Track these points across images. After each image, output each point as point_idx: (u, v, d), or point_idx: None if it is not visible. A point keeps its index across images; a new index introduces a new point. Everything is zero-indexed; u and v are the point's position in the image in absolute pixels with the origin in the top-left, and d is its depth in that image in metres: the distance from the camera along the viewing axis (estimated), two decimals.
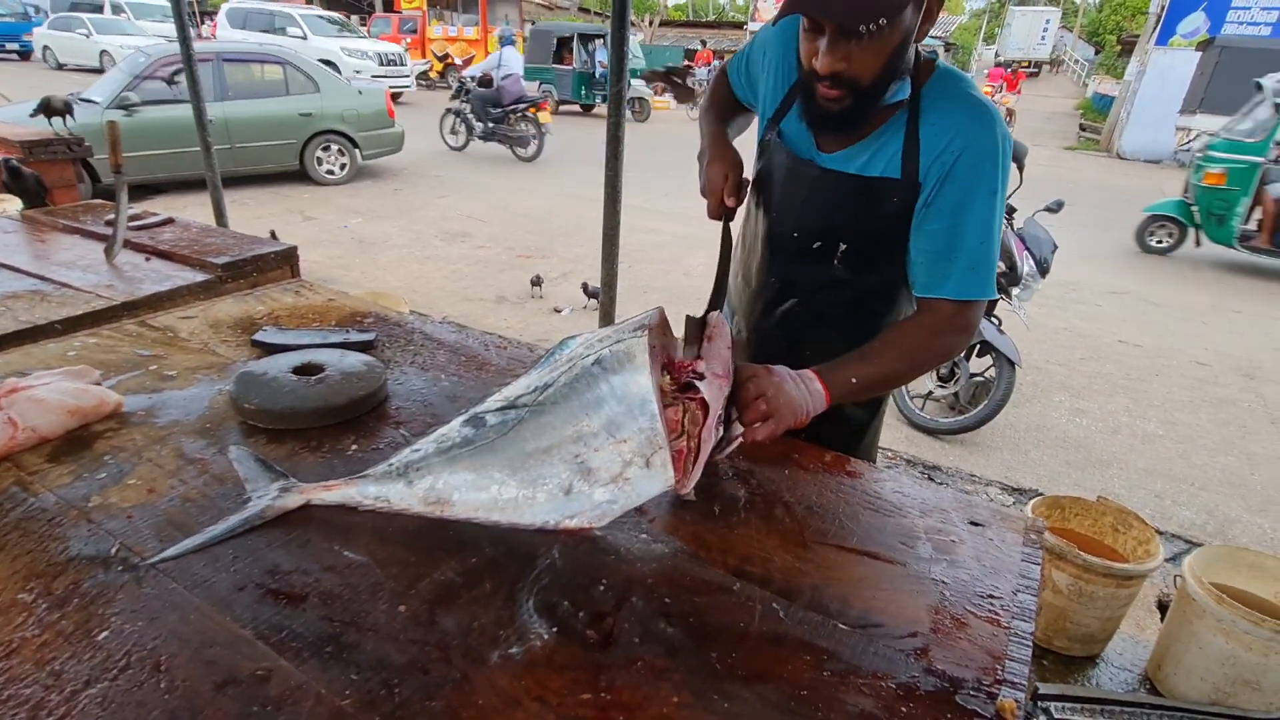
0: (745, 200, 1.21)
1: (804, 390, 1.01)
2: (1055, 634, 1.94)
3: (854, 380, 1.06)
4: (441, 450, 0.89)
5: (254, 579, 0.76)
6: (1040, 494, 3.13)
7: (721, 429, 0.90)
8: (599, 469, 0.83)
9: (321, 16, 17.65)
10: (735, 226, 1.31)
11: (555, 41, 15.97)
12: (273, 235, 5.49)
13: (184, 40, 3.34)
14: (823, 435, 1.15)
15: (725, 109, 1.41)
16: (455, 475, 0.87)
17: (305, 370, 1.14)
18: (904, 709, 0.65)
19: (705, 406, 0.89)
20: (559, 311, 4.91)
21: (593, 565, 0.81)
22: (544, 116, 10.09)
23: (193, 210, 6.12)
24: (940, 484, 1.57)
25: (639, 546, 0.85)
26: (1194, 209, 7.07)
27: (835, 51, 0.98)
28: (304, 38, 15.70)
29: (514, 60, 10.73)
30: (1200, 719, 1.66)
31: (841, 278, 1.23)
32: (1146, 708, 1.73)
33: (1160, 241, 7.48)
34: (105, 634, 0.67)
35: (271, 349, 1.29)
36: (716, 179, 1.17)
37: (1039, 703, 1.73)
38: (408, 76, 16.89)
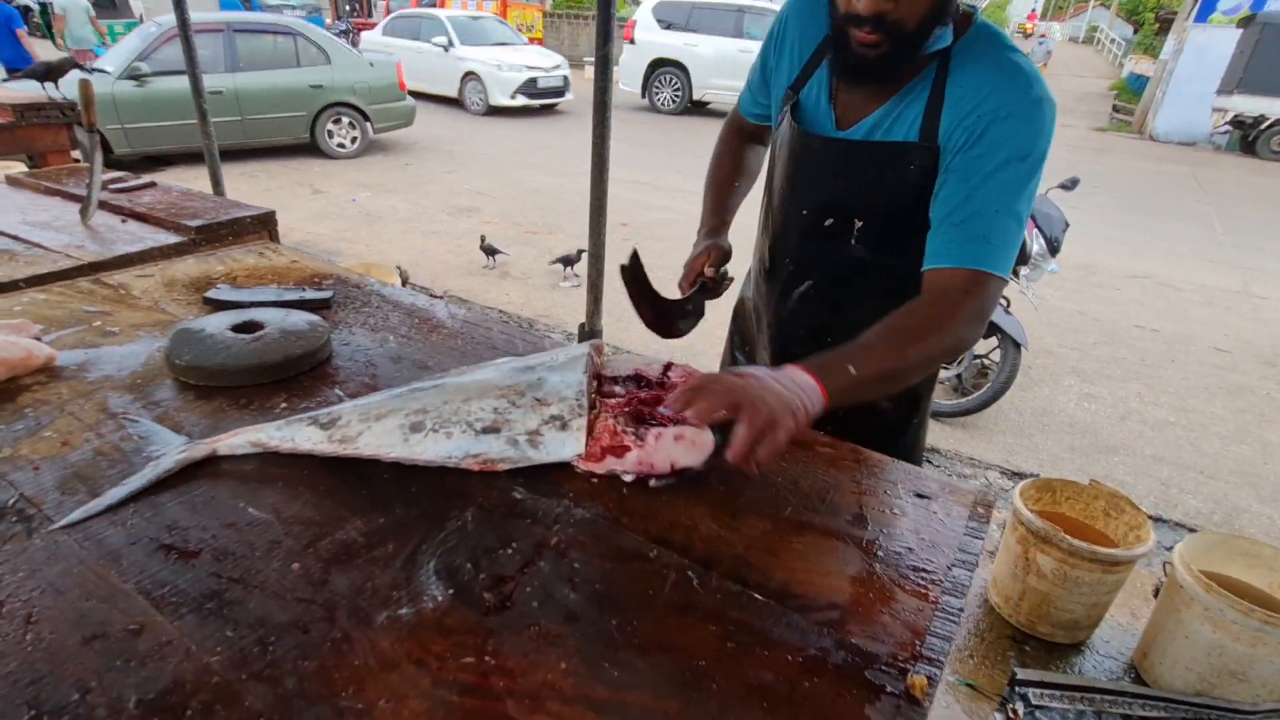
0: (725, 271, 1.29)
1: (787, 383, 0.84)
2: (1039, 620, 1.88)
3: (852, 369, 0.89)
4: (359, 405, 0.89)
5: (149, 534, 0.73)
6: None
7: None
8: (516, 421, 0.87)
9: None
10: (751, 211, 1.37)
11: None
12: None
13: (179, 5, 3.31)
14: (857, 431, 1.04)
15: (731, 165, 1.39)
16: (367, 415, 0.88)
17: (244, 328, 1.11)
18: (806, 683, 0.61)
19: (639, 417, 0.92)
20: (562, 285, 4.87)
21: (505, 528, 0.78)
22: None
23: (201, 183, 6.14)
24: (892, 460, 1.51)
25: (559, 511, 0.82)
26: None
27: None
28: None
29: None
30: (1183, 709, 1.61)
31: (861, 259, 1.14)
32: (1128, 696, 1.68)
33: None
34: None
35: (223, 306, 1.27)
36: (698, 261, 1.26)
37: (1016, 688, 1.68)
38: None
